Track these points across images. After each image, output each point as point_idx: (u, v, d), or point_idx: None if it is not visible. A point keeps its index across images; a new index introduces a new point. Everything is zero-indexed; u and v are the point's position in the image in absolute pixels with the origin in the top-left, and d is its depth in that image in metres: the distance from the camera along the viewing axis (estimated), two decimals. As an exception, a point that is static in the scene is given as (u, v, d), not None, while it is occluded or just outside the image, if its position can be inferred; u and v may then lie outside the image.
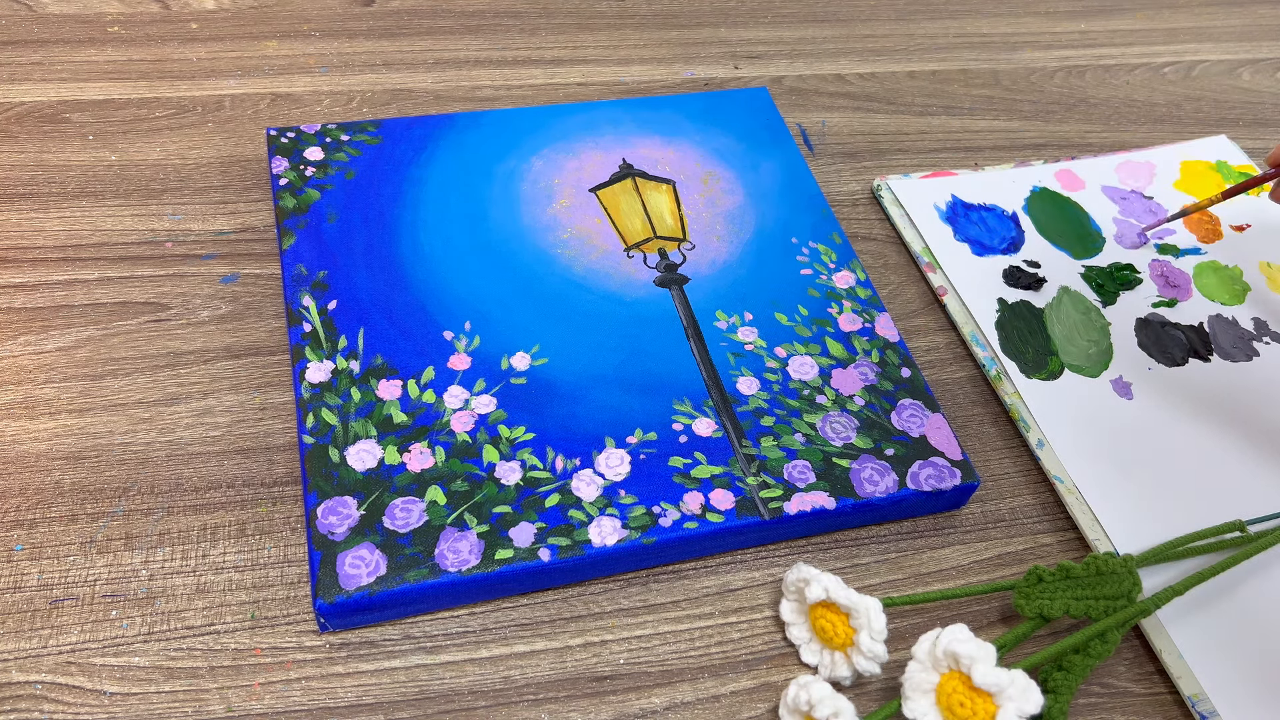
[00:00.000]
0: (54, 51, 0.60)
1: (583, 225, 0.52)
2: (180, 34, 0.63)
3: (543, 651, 0.39)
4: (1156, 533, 0.44)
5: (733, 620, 0.41)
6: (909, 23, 0.74)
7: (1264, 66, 0.75)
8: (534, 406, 0.44)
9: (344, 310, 0.46)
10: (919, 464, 0.44)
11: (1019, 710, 0.33)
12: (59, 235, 0.50)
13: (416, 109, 0.60)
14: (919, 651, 0.35)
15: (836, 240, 0.54)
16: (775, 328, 0.49)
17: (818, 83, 0.67)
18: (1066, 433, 0.48)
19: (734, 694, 0.39)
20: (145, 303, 0.48)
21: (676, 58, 0.67)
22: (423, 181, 0.53)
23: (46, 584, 0.39)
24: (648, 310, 0.49)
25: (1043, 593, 0.40)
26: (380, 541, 0.39)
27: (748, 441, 0.44)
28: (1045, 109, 0.68)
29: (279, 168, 0.52)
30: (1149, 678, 0.41)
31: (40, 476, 0.41)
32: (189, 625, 0.38)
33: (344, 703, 0.37)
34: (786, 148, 0.58)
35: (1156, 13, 0.79)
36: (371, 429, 0.42)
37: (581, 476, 0.42)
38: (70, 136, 0.55)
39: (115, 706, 0.36)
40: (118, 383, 0.45)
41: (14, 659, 0.37)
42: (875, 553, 0.44)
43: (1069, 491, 0.46)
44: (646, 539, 0.40)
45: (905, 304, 0.54)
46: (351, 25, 0.65)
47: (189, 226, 0.52)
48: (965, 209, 0.58)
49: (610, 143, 0.57)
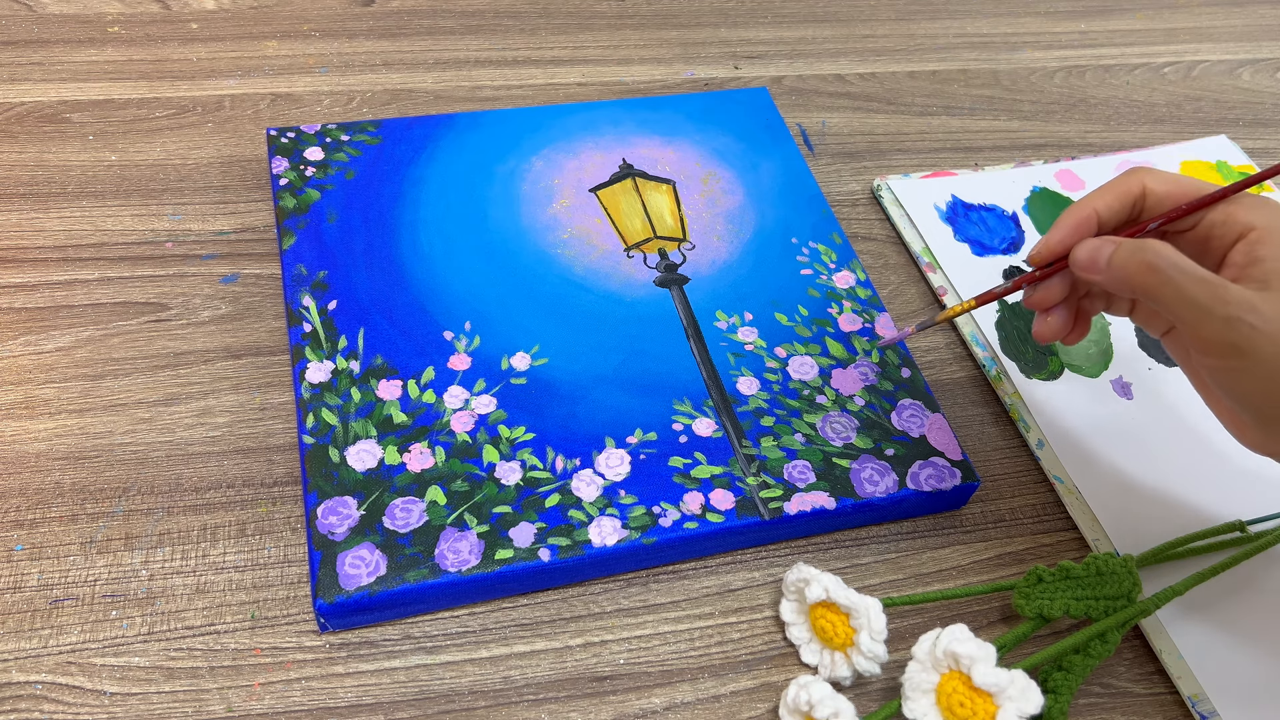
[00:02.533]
0: (54, 51, 0.60)
1: (583, 225, 0.52)
2: (180, 34, 0.63)
3: (543, 651, 0.39)
4: (1156, 533, 0.44)
5: (733, 620, 0.41)
6: (909, 23, 0.74)
7: (1264, 66, 0.75)
8: (534, 406, 0.44)
9: (344, 310, 0.46)
10: (919, 464, 0.44)
11: (1019, 710, 0.33)
12: (59, 235, 0.50)
13: (416, 109, 0.60)
14: (919, 651, 0.35)
15: (836, 240, 0.54)
16: (775, 328, 0.49)
17: (818, 83, 0.67)
18: (1066, 433, 0.48)
19: (734, 694, 0.39)
20: (145, 303, 0.48)
21: (676, 58, 0.67)
22: (423, 181, 0.53)
23: (46, 584, 0.39)
24: (648, 310, 0.49)
25: (1043, 593, 0.40)
26: (380, 541, 0.39)
27: (748, 441, 0.44)
28: (1045, 109, 0.68)
29: (279, 168, 0.52)
30: (1149, 678, 0.41)
31: (40, 476, 0.41)
32: (189, 625, 0.38)
33: (344, 703, 0.37)
34: (786, 148, 0.58)
35: (1156, 13, 0.79)
36: (371, 429, 0.42)
37: (581, 476, 0.42)
38: (70, 136, 0.55)
39: (115, 706, 0.36)
40: (118, 383, 0.45)
41: (14, 659, 0.37)
42: (875, 553, 0.44)
43: (1069, 491, 0.46)
44: (646, 539, 0.40)
45: (905, 304, 0.54)
46: (351, 25, 0.65)
47: (189, 226, 0.52)
48: (965, 209, 0.58)
49: (610, 143, 0.57)
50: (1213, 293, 0.33)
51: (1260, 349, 0.33)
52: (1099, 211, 0.38)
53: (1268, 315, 0.33)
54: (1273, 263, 0.34)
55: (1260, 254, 0.35)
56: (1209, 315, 0.33)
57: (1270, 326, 0.33)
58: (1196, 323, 0.34)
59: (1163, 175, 0.38)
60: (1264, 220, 0.35)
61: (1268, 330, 0.33)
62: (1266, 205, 0.36)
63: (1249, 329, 0.33)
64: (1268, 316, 0.33)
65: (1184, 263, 0.34)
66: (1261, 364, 0.33)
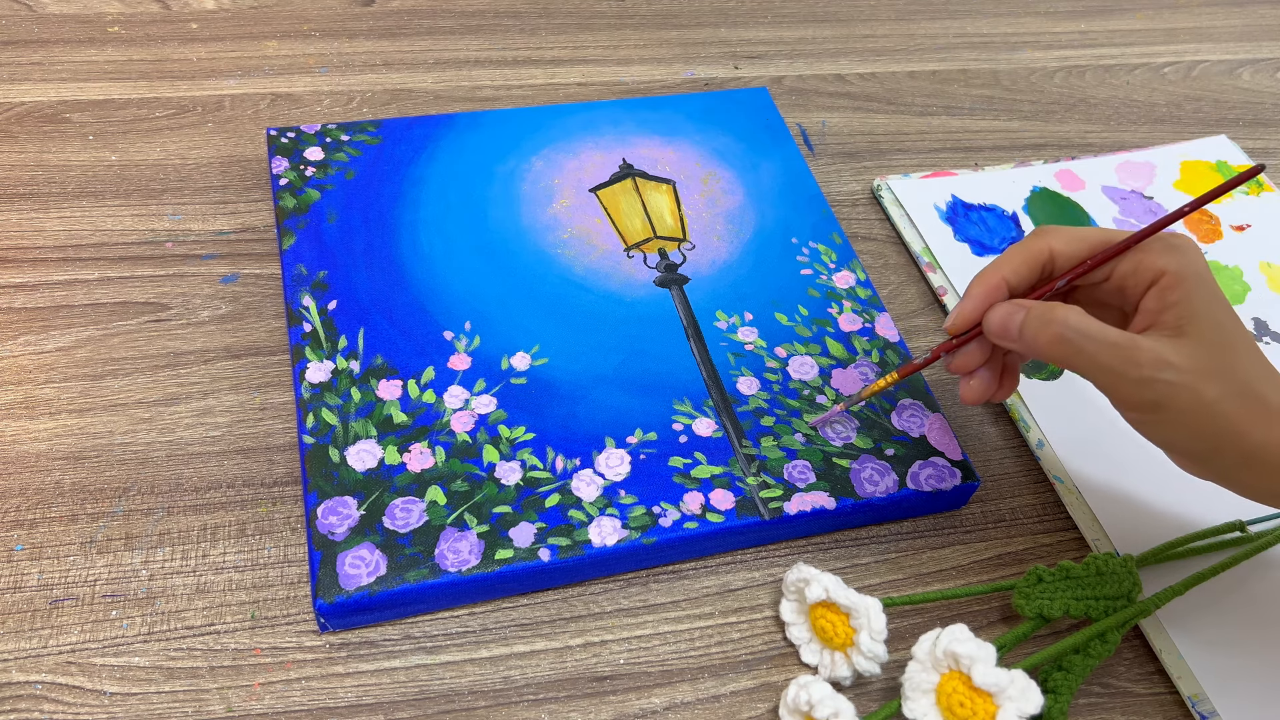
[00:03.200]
0: (54, 51, 0.60)
1: (583, 225, 0.52)
2: (180, 34, 0.63)
3: (543, 651, 0.39)
4: (1156, 533, 0.44)
5: (733, 620, 0.41)
6: (909, 23, 0.74)
7: (1264, 66, 0.75)
8: (534, 406, 0.44)
9: (344, 310, 0.46)
10: (919, 464, 0.44)
11: (1019, 710, 0.33)
12: (59, 235, 0.50)
13: (416, 109, 0.60)
14: (919, 651, 0.35)
15: (836, 240, 0.54)
16: (775, 328, 0.49)
17: (818, 83, 0.67)
18: (1066, 433, 0.48)
19: (734, 694, 0.39)
20: (145, 303, 0.48)
21: (676, 58, 0.67)
22: (423, 181, 0.53)
23: (46, 584, 0.39)
24: (648, 310, 0.49)
25: (1043, 593, 0.40)
26: (380, 541, 0.39)
27: (748, 441, 0.44)
28: (1045, 109, 0.68)
29: (279, 168, 0.52)
30: (1149, 678, 0.41)
31: (40, 476, 0.41)
32: (189, 625, 0.38)
33: (344, 703, 0.37)
34: (786, 148, 0.58)
35: (1156, 13, 0.79)
36: (371, 429, 0.42)
37: (581, 476, 0.42)
38: (70, 136, 0.55)
39: (115, 706, 0.36)
40: (118, 383, 0.45)
41: (14, 659, 0.37)
42: (875, 553, 0.44)
43: (1069, 491, 0.46)
44: (646, 539, 0.40)
45: (905, 304, 0.54)
46: (351, 25, 0.65)
47: (189, 226, 0.52)
48: (965, 209, 0.58)
49: (610, 143, 0.57)
50: (1124, 356, 0.34)
51: (1177, 400, 0.33)
52: (1007, 279, 0.38)
53: (1181, 367, 0.33)
54: (1184, 306, 0.35)
55: (1171, 299, 0.35)
56: (1123, 379, 0.34)
57: (1184, 378, 0.33)
58: (1113, 385, 0.35)
59: (1068, 233, 0.38)
60: (1174, 265, 0.35)
61: (1181, 381, 0.33)
62: (1176, 249, 0.36)
63: (1164, 385, 0.33)
64: (1181, 368, 0.33)
65: (1092, 329, 0.35)
66: (1180, 414, 0.34)
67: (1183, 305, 0.35)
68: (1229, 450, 0.34)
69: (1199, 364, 0.33)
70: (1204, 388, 0.33)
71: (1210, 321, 0.34)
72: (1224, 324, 0.35)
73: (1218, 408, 0.33)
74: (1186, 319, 0.34)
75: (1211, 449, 0.34)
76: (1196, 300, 0.35)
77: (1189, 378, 0.33)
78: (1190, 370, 0.33)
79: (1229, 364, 0.34)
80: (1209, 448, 0.34)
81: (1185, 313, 0.34)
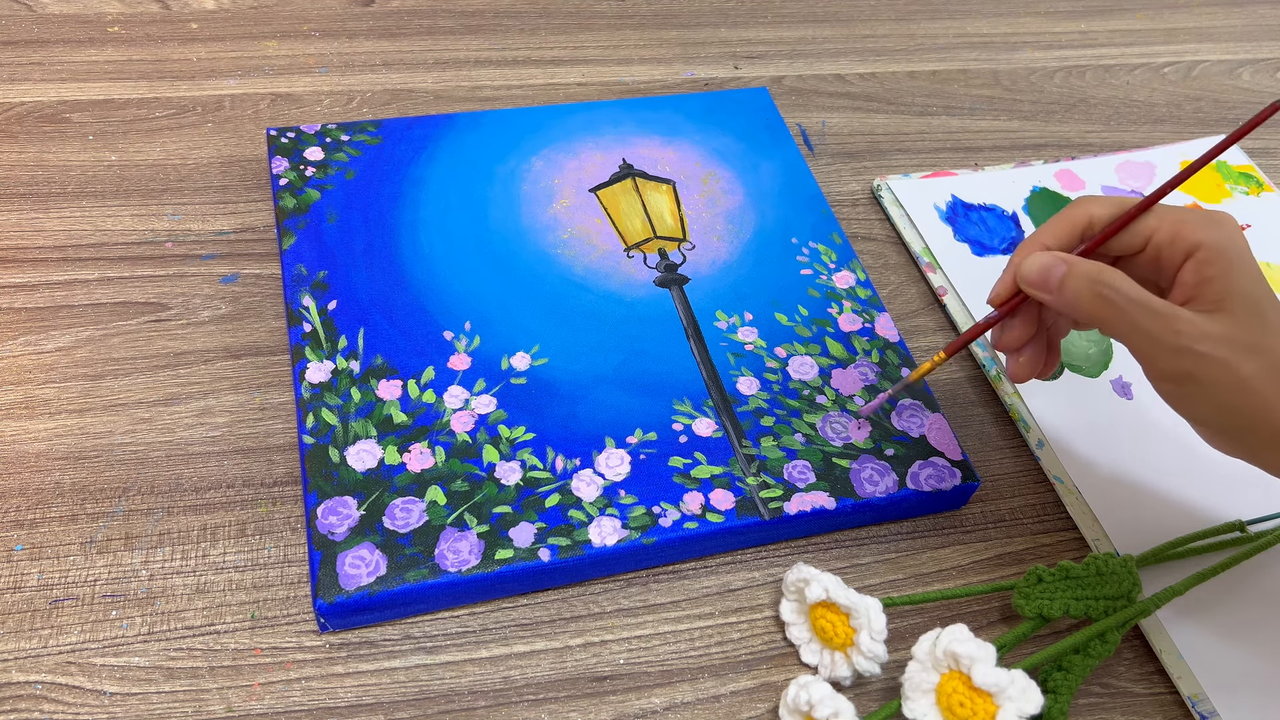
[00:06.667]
0: (54, 51, 0.60)
1: (583, 225, 0.52)
2: (180, 34, 0.63)
3: (543, 651, 0.39)
4: (1156, 533, 0.44)
5: (733, 620, 0.41)
6: (909, 23, 0.74)
7: (1264, 66, 0.75)
8: (534, 406, 0.44)
9: (344, 310, 0.46)
10: (919, 464, 0.44)
11: (1019, 710, 0.33)
12: (59, 235, 0.50)
13: (416, 109, 0.60)
14: (919, 651, 0.35)
15: (836, 240, 0.54)
16: (775, 328, 0.49)
17: (818, 83, 0.67)
18: (1066, 433, 0.48)
19: (734, 694, 0.39)
20: (145, 303, 0.48)
21: (676, 58, 0.67)
22: (423, 182, 0.53)
23: (46, 584, 0.39)
24: (648, 310, 0.49)
25: (1043, 593, 0.40)
26: (380, 541, 0.39)
27: (748, 441, 0.44)
28: (1045, 109, 0.68)
29: (279, 168, 0.52)
30: (1149, 678, 0.41)
31: (40, 476, 0.41)
32: (189, 625, 0.38)
33: (344, 703, 0.37)
34: (786, 148, 0.58)
35: (1156, 13, 0.79)
36: (371, 429, 0.42)
37: (581, 476, 0.42)
38: (70, 136, 0.55)
39: (115, 706, 0.36)
40: (118, 383, 0.45)
41: (14, 659, 0.37)
42: (875, 553, 0.44)
43: (1069, 491, 0.46)
44: (646, 539, 0.40)
45: (905, 304, 0.54)
46: (351, 25, 0.65)
47: (189, 226, 0.52)
48: (965, 209, 0.58)
49: (610, 143, 0.57)
50: (1164, 324, 0.34)
51: (1211, 373, 0.33)
52: (1047, 245, 0.38)
53: (1217, 339, 0.33)
54: (1221, 282, 0.34)
55: (1209, 274, 0.35)
56: (1160, 345, 0.34)
57: (1220, 351, 0.33)
58: (1149, 352, 0.35)
59: (1107, 200, 0.38)
60: (1211, 238, 0.35)
61: (1217, 354, 0.33)
62: (1215, 222, 0.36)
63: (1200, 357, 0.33)
64: (1217, 341, 0.33)
65: (1137, 293, 0.34)
66: (1213, 387, 0.34)
67: (1220, 280, 0.34)
68: (1260, 427, 0.34)
69: (1236, 339, 0.33)
70: (1239, 362, 0.33)
71: (1248, 298, 0.34)
72: (1261, 301, 0.34)
73: (1251, 384, 0.33)
74: (1224, 294, 0.34)
75: (1242, 425, 0.34)
76: (1235, 276, 0.34)
77: (1225, 351, 0.33)
78: (1226, 344, 0.33)
79: (1266, 341, 0.33)
80: (1239, 424, 0.34)
81: (1223, 288, 0.34)
